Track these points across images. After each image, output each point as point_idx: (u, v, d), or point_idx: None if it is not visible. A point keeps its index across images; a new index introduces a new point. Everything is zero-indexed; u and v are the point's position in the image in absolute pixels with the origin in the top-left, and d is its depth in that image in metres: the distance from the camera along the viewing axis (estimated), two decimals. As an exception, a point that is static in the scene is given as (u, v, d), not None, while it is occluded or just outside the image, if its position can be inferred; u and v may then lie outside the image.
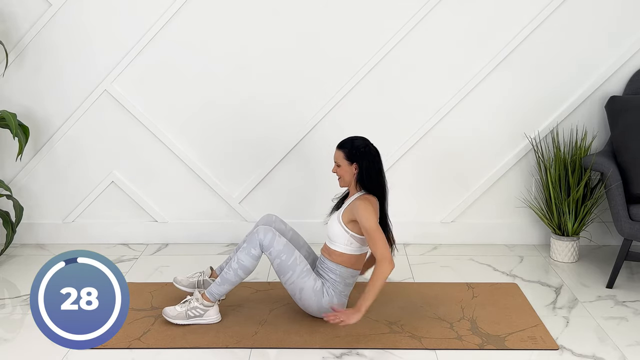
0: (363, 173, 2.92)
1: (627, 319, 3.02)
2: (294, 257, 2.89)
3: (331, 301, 2.91)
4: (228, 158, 3.87)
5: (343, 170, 2.96)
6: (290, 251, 2.89)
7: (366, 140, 2.97)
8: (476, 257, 3.76)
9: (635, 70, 3.69)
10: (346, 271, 2.94)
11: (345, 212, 2.93)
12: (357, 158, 2.93)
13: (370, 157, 2.93)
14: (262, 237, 2.88)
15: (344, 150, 2.95)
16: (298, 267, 2.88)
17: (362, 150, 2.92)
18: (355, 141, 2.96)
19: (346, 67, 3.73)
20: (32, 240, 3.97)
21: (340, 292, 2.95)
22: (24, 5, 3.69)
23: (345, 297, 2.98)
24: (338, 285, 2.94)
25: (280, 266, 2.89)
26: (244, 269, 2.89)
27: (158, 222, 3.97)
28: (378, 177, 2.94)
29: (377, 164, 2.94)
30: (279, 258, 2.88)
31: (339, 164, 2.96)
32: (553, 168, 3.65)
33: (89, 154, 3.88)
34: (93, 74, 3.76)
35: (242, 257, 2.88)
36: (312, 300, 2.90)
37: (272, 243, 2.87)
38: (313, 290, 2.90)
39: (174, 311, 2.95)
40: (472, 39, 3.70)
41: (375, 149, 2.96)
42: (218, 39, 3.71)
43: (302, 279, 2.89)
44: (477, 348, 2.77)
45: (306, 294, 2.90)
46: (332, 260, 2.95)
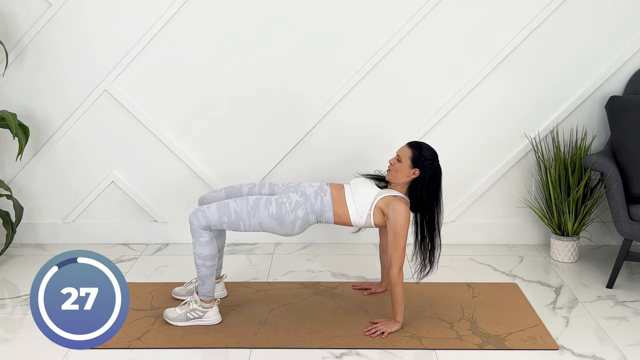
0: (420, 183, 2.90)
1: (627, 319, 3.02)
2: (232, 209, 2.86)
3: (294, 222, 2.88)
4: (228, 158, 3.87)
5: (401, 167, 2.93)
6: (225, 208, 2.86)
7: (435, 154, 2.96)
8: (476, 257, 3.76)
9: (635, 70, 3.69)
10: (329, 216, 2.93)
11: (384, 200, 2.89)
12: (421, 165, 2.91)
13: (434, 171, 2.92)
14: (196, 221, 2.86)
15: (414, 151, 2.93)
16: (242, 213, 2.86)
17: (429, 161, 2.92)
18: (425, 149, 2.95)
19: (346, 67, 3.73)
20: (32, 240, 3.97)
21: (307, 220, 2.91)
22: (24, 5, 3.69)
23: (307, 226, 2.94)
24: (311, 215, 2.91)
25: (230, 226, 2.88)
26: (207, 257, 2.88)
27: (158, 222, 3.97)
28: (435, 195, 2.92)
29: (437, 181, 2.93)
30: (223, 223, 2.86)
31: (401, 159, 2.93)
32: (553, 168, 3.65)
33: (89, 154, 3.88)
34: (93, 74, 3.76)
35: (198, 251, 2.88)
36: (274, 224, 2.89)
37: (206, 218, 2.85)
38: (270, 217, 2.87)
39: (174, 313, 2.95)
40: (473, 39, 3.70)
41: (439, 167, 2.95)
42: (218, 39, 3.71)
43: (255, 217, 2.87)
44: (477, 348, 2.77)
45: (266, 224, 2.89)
46: (332, 202, 2.92)
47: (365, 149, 3.79)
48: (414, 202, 2.93)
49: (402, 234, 2.83)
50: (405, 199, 2.93)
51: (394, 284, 2.85)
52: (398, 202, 2.86)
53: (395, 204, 2.85)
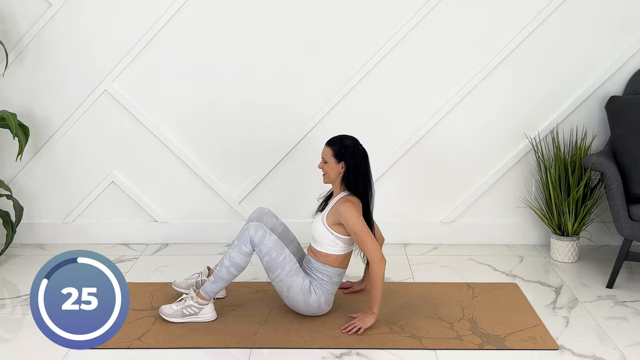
0: (350, 173, 2.92)
1: (627, 319, 3.02)
2: (284, 255, 2.89)
3: (318, 300, 2.93)
4: (228, 158, 3.87)
5: (329, 167, 2.96)
6: (280, 249, 2.89)
7: (355, 140, 2.97)
8: (476, 257, 3.76)
9: (635, 70, 3.68)
10: (333, 270, 2.96)
11: (330, 214, 2.94)
12: (345, 157, 2.92)
13: (358, 158, 2.93)
14: (253, 233, 2.88)
15: (333, 148, 2.95)
16: (287, 265, 2.89)
17: (350, 149, 2.92)
18: (345, 140, 2.96)
19: (346, 68, 3.73)
20: (32, 240, 3.97)
21: (327, 290, 2.96)
22: (24, 5, 3.69)
23: (332, 295, 3.00)
24: (325, 284, 2.95)
25: (270, 264, 2.89)
26: (236, 266, 2.89)
27: (158, 222, 3.97)
28: (364, 179, 2.94)
29: (364, 165, 2.94)
30: (268, 255, 2.87)
31: (326, 160, 2.96)
32: (553, 168, 3.65)
33: (89, 154, 3.88)
34: (93, 74, 3.77)
35: (234, 255, 2.89)
36: (300, 298, 2.91)
37: (262, 240, 2.87)
38: (301, 288, 2.90)
39: (170, 309, 2.96)
40: (473, 39, 3.70)
41: (363, 150, 2.96)
42: (218, 40, 3.71)
43: (291, 277, 2.89)
44: (477, 348, 2.77)
45: (294, 292, 2.91)
46: (319, 260, 2.96)
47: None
48: (355, 192, 2.94)
49: (359, 227, 2.83)
50: (346, 195, 2.94)
51: (375, 275, 2.83)
52: (340, 205, 2.89)
53: (339, 208, 2.88)
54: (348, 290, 3.27)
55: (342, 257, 2.97)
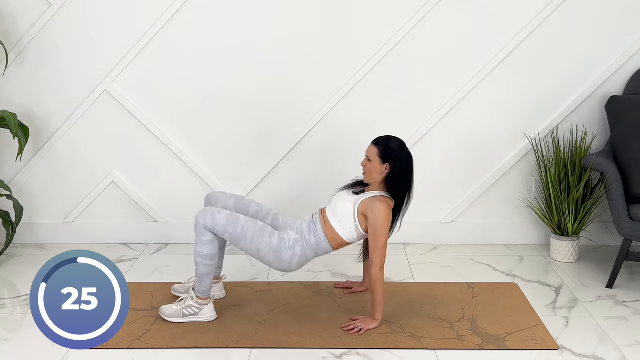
0: (394, 175, 2.90)
1: (627, 319, 3.02)
2: (241, 226, 2.87)
3: (291, 259, 2.91)
4: (228, 158, 3.87)
5: (372, 166, 2.93)
6: (235, 221, 2.88)
7: (402, 144, 2.95)
8: (476, 257, 3.75)
9: (635, 70, 3.69)
10: (326, 246, 2.95)
11: (363, 204, 2.90)
12: (391, 159, 2.90)
13: (404, 161, 2.91)
14: (203, 220, 2.87)
15: (379, 148, 2.92)
16: (247, 233, 2.88)
17: (397, 152, 2.91)
18: (392, 141, 2.94)
19: (347, 67, 3.73)
20: (32, 240, 3.97)
21: (306, 256, 2.94)
22: (24, 5, 3.69)
23: (305, 261, 2.97)
24: (308, 249, 2.94)
25: (232, 239, 2.89)
26: (207, 257, 2.89)
27: (158, 222, 3.97)
28: (407, 183, 2.92)
29: (409, 169, 2.93)
30: (227, 233, 2.87)
31: (371, 159, 2.93)
32: (553, 168, 3.65)
33: (89, 154, 3.88)
34: (93, 74, 3.76)
35: (199, 249, 2.89)
36: (271, 257, 2.91)
37: (214, 221, 2.87)
38: (270, 248, 2.89)
39: (170, 309, 2.96)
40: (473, 39, 3.70)
41: (409, 154, 2.94)
42: (218, 39, 3.71)
43: (256, 242, 2.88)
44: (477, 348, 2.77)
45: (264, 253, 2.91)
46: (324, 229, 2.94)
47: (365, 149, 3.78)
48: (396, 195, 2.93)
49: (382, 232, 2.84)
50: (385, 196, 2.93)
51: (374, 282, 2.86)
52: (377, 201, 2.87)
53: (374, 203, 2.86)
54: (349, 291, 3.27)
55: (343, 243, 2.96)
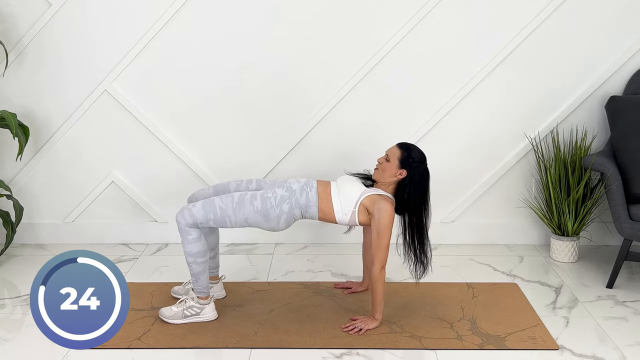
0: (407, 184, 2.90)
1: (627, 319, 3.02)
2: (218, 206, 2.87)
3: (279, 216, 2.89)
4: (228, 158, 3.87)
5: (389, 166, 2.93)
6: (210, 205, 2.88)
7: (424, 158, 2.95)
8: (476, 257, 3.75)
9: (635, 70, 3.69)
10: (314, 211, 2.93)
11: (369, 198, 2.89)
12: (409, 167, 2.91)
13: (420, 174, 2.91)
14: (182, 220, 2.87)
15: (402, 152, 2.93)
16: (227, 209, 2.87)
17: (417, 163, 2.91)
18: (415, 152, 2.94)
19: (347, 67, 3.73)
20: (32, 240, 3.97)
21: (292, 215, 2.92)
22: (24, 5, 3.69)
23: (293, 221, 2.95)
24: (296, 209, 2.92)
25: (217, 223, 2.89)
26: (197, 254, 2.89)
27: (158, 222, 3.97)
28: (420, 196, 2.91)
29: (423, 183, 2.92)
30: (209, 220, 2.87)
31: (390, 160, 2.93)
32: (553, 168, 3.65)
33: (89, 154, 3.88)
34: (93, 74, 3.76)
35: (187, 249, 2.89)
36: (259, 219, 2.90)
37: (192, 216, 2.87)
38: (255, 212, 2.88)
39: (171, 311, 2.96)
40: (473, 39, 3.70)
41: (427, 170, 2.94)
42: (218, 39, 3.71)
43: (240, 213, 2.88)
44: (477, 348, 2.77)
45: (252, 219, 2.90)
46: (317, 198, 2.92)
47: (365, 149, 3.79)
48: (399, 202, 2.93)
49: (386, 232, 2.83)
50: (390, 198, 2.93)
51: (375, 282, 2.86)
52: (383, 201, 2.86)
53: (381, 202, 2.85)
54: (349, 291, 3.27)
55: (332, 220, 2.94)
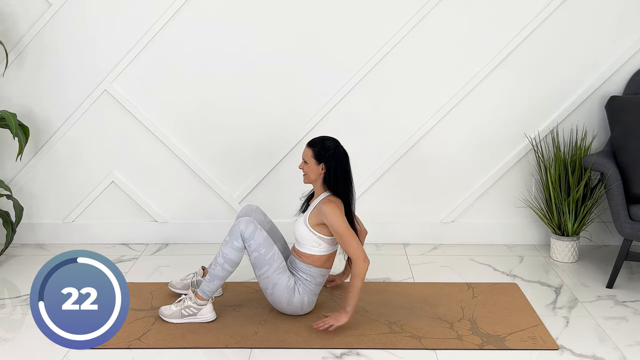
0: (330, 174, 2.93)
1: (627, 319, 3.02)
2: (273, 252, 2.90)
3: (302, 300, 2.94)
4: (228, 158, 3.87)
5: (309, 169, 2.96)
6: (269, 245, 2.90)
7: (337, 142, 2.97)
8: (476, 257, 3.75)
9: (635, 70, 3.68)
10: (317, 271, 2.97)
11: (312, 215, 2.94)
12: (325, 159, 2.93)
13: (339, 159, 2.93)
14: (244, 228, 2.88)
15: (313, 149, 2.95)
16: (275, 262, 2.90)
17: (331, 151, 2.93)
18: (326, 142, 2.96)
19: (346, 67, 3.73)
20: (32, 240, 3.97)
21: (310, 290, 2.97)
22: (24, 5, 3.69)
23: (315, 296, 3.01)
24: (309, 284, 2.96)
25: (258, 259, 2.90)
26: (230, 262, 2.90)
27: (158, 222, 3.97)
28: (345, 180, 2.94)
29: (345, 167, 2.94)
30: (257, 251, 2.88)
31: (307, 161, 2.96)
32: (553, 168, 3.65)
33: (89, 154, 3.88)
34: (93, 74, 3.76)
35: (226, 251, 2.90)
36: (284, 297, 2.92)
37: (252, 235, 2.88)
38: (286, 287, 2.92)
39: (169, 310, 2.96)
40: (473, 39, 3.70)
41: (344, 151, 2.96)
42: (218, 39, 3.71)
43: (277, 275, 2.90)
44: (477, 348, 2.77)
45: (279, 290, 2.92)
46: (303, 260, 2.97)
47: (365, 149, 3.79)
48: (336, 193, 2.94)
49: (343, 228, 2.84)
50: (328, 196, 2.95)
51: (355, 276, 2.83)
52: (322, 205, 2.89)
53: (322, 208, 2.88)
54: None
55: (325, 257, 2.98)
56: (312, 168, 2.95)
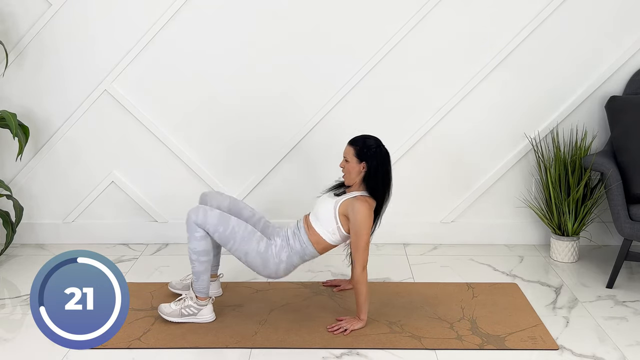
0: (371, 174, 2.91)
1: (627, 319, 3.03)
2: (231, 226, 2.89)
3: (278, 266, 2.92)
4: (228, 158, 3.87)
5: (350, 167, 2.93)
6: (226, 221, 2.89)
7: (378, 141, 2.95)
8: (476, 257, 3.75)
9: (635, 70, 3.69)
10: (312, 252, 2.96)
11: (344, 204, 2.91)
12: (367, 157, 2.91)
13: (380, 159, 2.91)
14: (195, 217, 2.89)
15: (355, 148, 2.93)
16: (237, 234, 2.89)
17: (373, 150, 2.91)
18: (368, 140, 2.94)
19: (346, 67, 3.73)
20: (32, 240, 3.97)
21: (292, 262, 2.96)
22: (24, 5, 3.69)
23: (293, 267, 2.99)
24: (295, 256, 2.95)
25: (221, 238, 2.90)
26: (202, 253, 2.90)
27: (158, 222, 3.97)
28: (384, 180, 2.93)
29: (386, 166, 2.93)
30: (217, 231, 2.89)
31: (348, 159, 2.94)
32: (553, 168, 3.65)
33: (89, 154, 3.88)
34: (93, 74, 3.77)
35: (193, 246, 2.90)
36: (258, 261, 2.92)
37: (205, 219, 2.88)
38: (257, 252, 2.91)
39: (169, 308, 2.97)
40: (473, 39, 3.70)
41: (386, 151, 2.95)
42: (218, 39, 3.71)
43: (245, 244, 2.90)
44: (477, 348, 2.77)
45: (251, 257, 2.92)
46: (308, 235, 2.94)
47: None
48: (375, 194, 2.93)
49: (364, 232, 2.84)
50: (365, 196, 2.93)
51: (357, 282, 2.86)
52: (357, 201, 2.87)
53: (355, 203, 2.87)
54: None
55: (329, 246, 2.97)
56: (353, 166, 2.93)
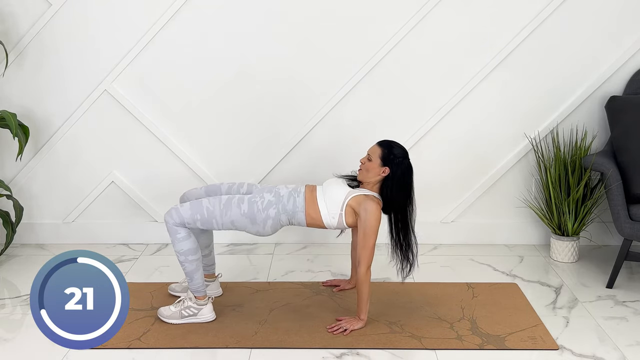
0: (391, 181, 2.90)
1: (627, 319, 3.03)
2: (205, 207, 2.88)
3: (265, 221, 2.90)
4: (228, 158, 3.87)
5: (371, 166, 2.92)
6: (198, 206, 2.89)
7: (405, 152, 2.95)
8: (476, 257, 3.76)
9: (635, 70, 3.69)
10: (301, 217, 2.93)
11: (356, 199, 2.89)
12: (391, 164, 2.90)
13: (403, 170, 2.90)
14: (170, 219, 2.88)
15: (383, 150, 2.92)
16: (215, 211, 2.88)
17: (399, 159, 2.91)
18: (396, 148, 2.93)
19: (346, 68, 3.73)
20: (32, 240, 3.97)
21: (279, 220, 2.93)
22: (24, 5, 3.69)
23: (279, 226, 2.96)
24: (283, 215, 2.92)
25: (203, 224, 2.90)
26: (189, 252, 2.89)
27: (158, 222, 3.97)
28: (405, 192, 2.91)
29: (406, 179, 2.91)
30: (196, 221, 2.88)
31: (371, 158, 2.93)
32: (553, 168, 3.65)
33: (89, 154, 3.88)
34: (93, 74, 3.76)
35: (178, 247, 2.89)
36: (246, 222, 2.91)
37: (180, 216, 2.87)
38: (242, 215, 2.89)
39: (169, 311, 2.96)
40: (473, 39, 3.70)
41: (409, 165, 2.93)
42: (218, 39, 3.71)
43: (226, 215, 2.89)
44: (477, 348, 2.77)
45: (239, 222, 2.91)
46: (305, 203, 2.92)
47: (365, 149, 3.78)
48: (385, 200, 2.93)
49: (372, 233, 2.84)
50: (377, 198, 2.93)
51: (361, 282, 2.86)
52: (370, 201, 2.86)
53: (367, 203, 2.85)
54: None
55: (320, 224, 2.94)
56: (374, 167, 2.91)
